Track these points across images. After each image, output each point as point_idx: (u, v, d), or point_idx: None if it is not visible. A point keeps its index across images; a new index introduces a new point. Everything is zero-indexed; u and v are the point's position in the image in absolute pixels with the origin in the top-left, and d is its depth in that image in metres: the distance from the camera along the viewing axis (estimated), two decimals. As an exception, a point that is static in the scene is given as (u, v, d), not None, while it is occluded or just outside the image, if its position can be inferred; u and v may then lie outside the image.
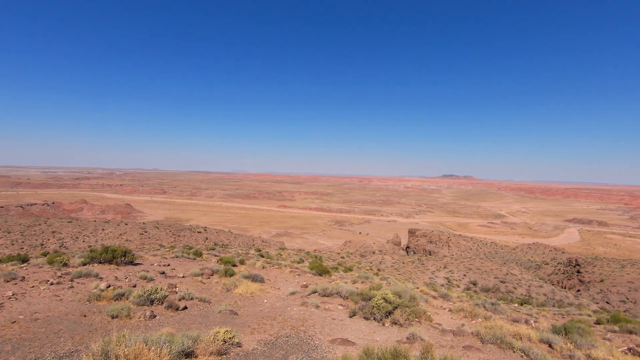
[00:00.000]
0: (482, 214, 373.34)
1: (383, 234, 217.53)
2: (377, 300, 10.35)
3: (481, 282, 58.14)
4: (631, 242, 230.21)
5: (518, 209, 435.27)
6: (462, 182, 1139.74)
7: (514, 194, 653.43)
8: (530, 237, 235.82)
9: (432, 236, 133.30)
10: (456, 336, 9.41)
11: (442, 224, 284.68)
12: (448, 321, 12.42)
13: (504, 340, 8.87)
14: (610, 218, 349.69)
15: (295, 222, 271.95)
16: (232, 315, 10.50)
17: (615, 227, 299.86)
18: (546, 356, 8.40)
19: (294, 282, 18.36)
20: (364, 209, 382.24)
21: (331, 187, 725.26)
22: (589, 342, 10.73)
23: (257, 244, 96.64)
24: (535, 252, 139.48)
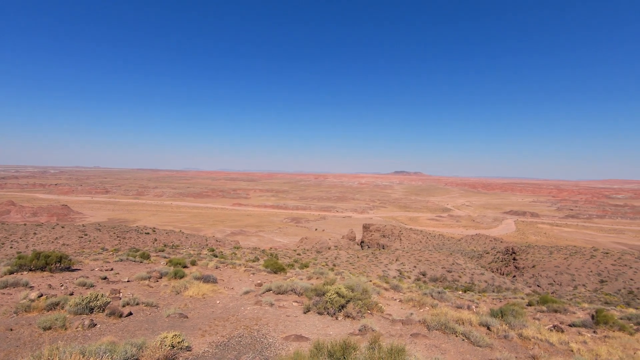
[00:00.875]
0: (431, 208, 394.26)
1: (339, 230, 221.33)
2: (331, 295, 10.53)
3: (430, 273, 61.38)
4: (558, 231, 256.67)
5: (463, 203, 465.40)
6: (413, 178, 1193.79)
7: (459, 189, 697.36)
8: (473, 228, 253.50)
9: (385, 230, 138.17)
10: (405, 325, 9.87)
11: (394, 219, 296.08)
12: (398, 311, 12.98)
13: (447, 326, 9.48)
14: (540, 209, 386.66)
15: (250, 221, 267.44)
16: (182, 319, 10.09)
17: (545, 218, 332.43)
18: (484, 338, 9.11)
19: (249, 281, 18.08)
20: (320, 205, 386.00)
21: (287, 184, 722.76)
22: (521, 323, 11.81)
23: (211, 243, 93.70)
24: (477, 243, 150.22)
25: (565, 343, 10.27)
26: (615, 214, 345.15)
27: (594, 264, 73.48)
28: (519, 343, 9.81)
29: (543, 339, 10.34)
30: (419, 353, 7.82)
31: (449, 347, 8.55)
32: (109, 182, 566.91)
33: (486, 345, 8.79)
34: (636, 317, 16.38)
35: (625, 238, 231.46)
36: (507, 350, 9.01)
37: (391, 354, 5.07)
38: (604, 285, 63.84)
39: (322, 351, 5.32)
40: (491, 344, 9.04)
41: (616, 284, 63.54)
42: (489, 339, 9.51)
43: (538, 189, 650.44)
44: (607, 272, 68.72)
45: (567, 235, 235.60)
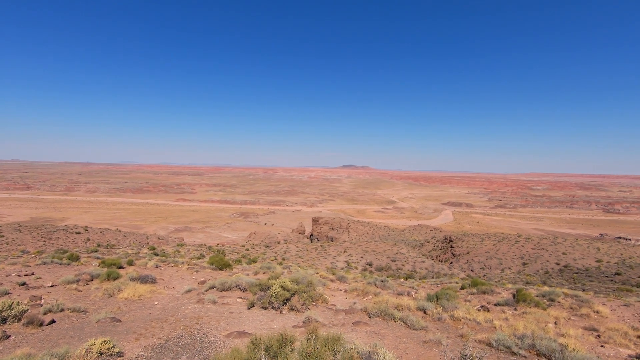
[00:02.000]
0: (378, 201, 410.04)
1: (288, 224, 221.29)
2: (275, 289, 10.50)
3: (376, 263, 63.92)
4: (489, 219, 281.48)
5: (406, 195, 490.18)
6: (360, 172, 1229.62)
7: (403, 182, 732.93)
8: (415, 219, 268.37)
9: (334, 223, 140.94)
10: (347, 314, 10.18)
11: (343, 212, 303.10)
12: (343, 301, 13.34)
13: (387, 313, 9.95)
14: (474, 200, 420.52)
15: (196, 216, 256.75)
16: (114, 323, 9.40)
17: (478, 208, 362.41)
18: (420, 321, 9.72)
19: (191, 279, 17.37)
20: (269, 199, 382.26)
21: (235, 178, 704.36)
22: (453, 305, 12.78)
23: (152, 241, 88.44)
24: (419, 232, 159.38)
25: (490, 321, 11.31)
26: (535, 204, 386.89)
27: (518, 248, 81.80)
28: (450, 324, 10.62)
29: (471, 318, 11.29)
30: (359, 340, 8.12)
31: (388, 332, 8.99)
32: (31, 176, 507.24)
33: (421, 328, 9.39)
34: (549, 294, 18.50)
35: (543, 224, 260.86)
36: (439, 331, 9.71)
37: (327, 343, 5.21)
38: (526, 267, 71.39)
39: (259, 346, 5.29)
40: (426, 326, 9.67)
41: (535, 266, 71.43)
42: (424, 322, 10.16)
43: (472, 182, 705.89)
44: (528, 255, 76.90)
45: (496, 223, 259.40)
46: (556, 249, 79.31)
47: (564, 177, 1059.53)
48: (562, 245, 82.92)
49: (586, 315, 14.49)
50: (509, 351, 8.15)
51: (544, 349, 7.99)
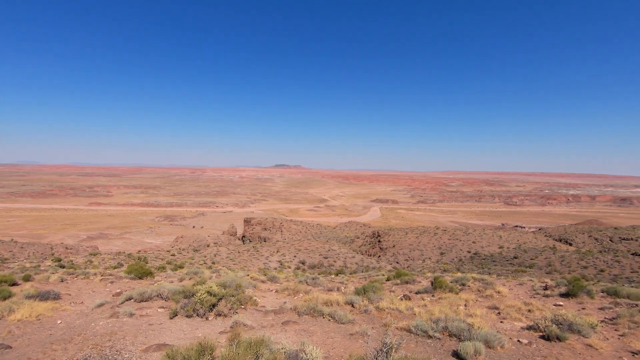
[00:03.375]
0: (310, 200, 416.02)
1: (219, 226, 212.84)
2: (201, 295, 9.97)
3: (309, 261, 64.73)
4: (412, 214, 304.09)
5: (337, 194, 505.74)
6: (293, 171, 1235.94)
7: (334, 181, 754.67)
8: (346, 216, 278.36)
9: (267, 223, 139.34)
10: (277, 314, 10.10)
11: (275, 211, 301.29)
12: (274, 302, 13.21)
13: (316, 310, 10.10)
14: (399, 197, 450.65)
15: (113, 222, 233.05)
16: (2, 351, 8.03)
17: (402, 204, 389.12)
18: (347, 315, 10.06)
19: (105, 291, 15.68)
20: (198, 201, 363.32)
21: (158, 179, 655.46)
22: (379, 297, 13.49)
23: (58, 252, 78.03)
24: (350, 229, 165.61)
25: (410, 309, 12.18)
26: (451, 199, 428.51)
27: (436, 239, 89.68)
28: (375, 315, 11.18)
29: (394, 308, 12.03)
30: (288, 339, 8.10)
31: (317, 329, 9.13)
32: None
33: (348, 321, 9.73)
34: (461, 279, 20.57)
35: (457, 217, 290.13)
36: (365, 322, 10.16)
37: (250, 347, 5.09)
38: (443, 256, 78.66)
39: (175, 359, 4.93)
40: (353, 319, 10.04)
41: (451, 254, 79.09)
42: (351, 315, 10.54)
43: (397, 180, 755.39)
44: (445, 245, 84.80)
45: (418, 217, 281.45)
46: (468, 238, 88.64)
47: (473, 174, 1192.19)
48: (473, 235, 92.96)
49: (490, 295, 16.42)
50: (425, 335, 8.86)
51: (454, 329, 8.84)
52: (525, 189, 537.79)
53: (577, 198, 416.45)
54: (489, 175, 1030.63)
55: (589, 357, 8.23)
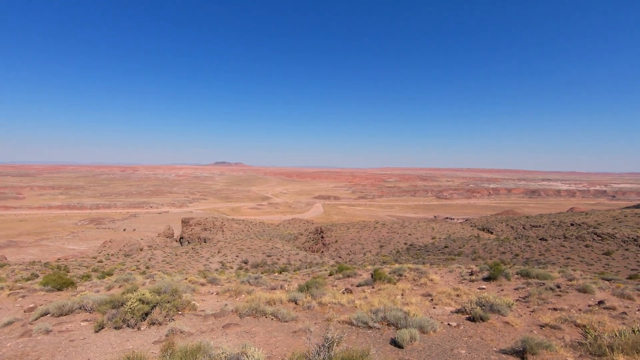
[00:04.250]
0: (252, 198, 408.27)
1: (154, 227, 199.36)
2: (132, 303, 9.22)
3: (252, 260, 63.52)
4: (353, 210, 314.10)
5: (280, 191, 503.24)
6: (234, 169, 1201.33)
7: (277, 178, 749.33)
8: (290, 213, 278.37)
9: (207, 223, 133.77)
10: (217, 318, 9.73)
11: (216, 210, 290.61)
12: (214, 305, 12.70)
13: (258, 310, 9.93)
14: (341, 193, 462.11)
15: (26, 227, 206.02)
16: None
17: (344, 200, 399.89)
18: (290, 312, 10.04)
19: (15, 307, 13.76)
20: (129, 202, 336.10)
21: (82, 178, 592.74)
22: (321, 292, 13.69)
23: (-47, 265, 66.72)
24: (293, 226, 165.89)
25: (352, 302, 12.55)
26: (389, 194, 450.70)
27: (376, 233, 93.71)
28: (318, 310, 11.32)
29: (336, 302, 12.30)
30: (229, 343, 7.85)
31: (259, 329, 8.98)
32: None
33: (291, 318, 9.71)
34: (398, 270, 21.71)
35: (394, 211, 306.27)
36: (308, 319, 10.23)
37: (186, 356, 4.80)
38: (382, 249, 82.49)
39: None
40: (296, 316, 10.05)
41: (389, 247, 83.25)
42: (294, 312, 10.55)
43: (339, 176, 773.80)
44: (384, 238, 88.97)
45: (359, 212, 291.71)
46: (404, 231, 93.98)
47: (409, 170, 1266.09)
48: (408, 227, 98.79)
49: (424, 284, 17.57)
50: (366, 326, 9.19)
51: (392, 318, 9.30)
52: (454, 183, 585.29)
53: (496, 191, 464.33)
54: (422, 171, 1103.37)
55: (506, 333, 9.20)
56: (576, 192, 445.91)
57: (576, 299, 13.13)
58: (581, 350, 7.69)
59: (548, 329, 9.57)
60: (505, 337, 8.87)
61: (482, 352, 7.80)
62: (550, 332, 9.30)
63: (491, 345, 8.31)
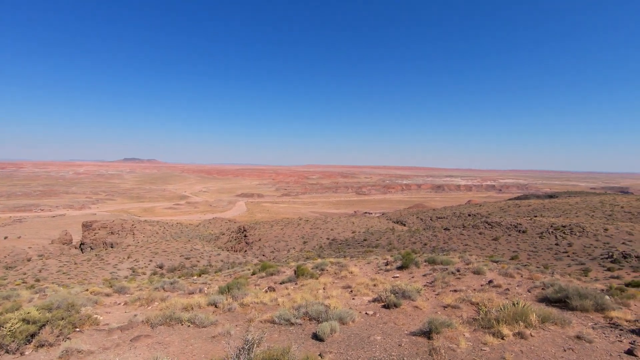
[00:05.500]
0: (168, 197, 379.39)
1: (46, 234, 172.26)
2: (12, 324, 7.79)
3: (168, 263, 59.14)
4: (277, 207, 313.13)
5: (200, 189, 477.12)
6: (147, 166, 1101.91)
7: (196, 176, 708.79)
8: (210, 213, 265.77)
9: (114, 227, 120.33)
10: (124, 331, 8.79)
11: (126, 212, 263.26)
12: (121, 317, 11.46)
13: (173, 317, 9.23)
14: (264, 191, 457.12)
15: None
16: None
17: (267, 197, 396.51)
18: (209, 317, 9.56)
19: None
20: (13, 204, 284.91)
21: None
22: (243, 292, 13.33)
23: None
24: (214, 226, 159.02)
25: (275, 300, 12.47)
26: (312, 191, 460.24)
27: (300, 230, 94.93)
28: (240, 311, 11.00)
29: (259, 301, 12.10)
30: (137, 357, 7.15)
31: (174, 338, 8.35)
32: None
33: (210, 323, 9.25)
34: (321, 265, 22.25)
35: (317, 207, 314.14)
36: (229, 321, 9.86)
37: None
38: (306, 245, 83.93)
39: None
40: (216, 320, 9.61)
41: (313, 242, 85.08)
42: (214, 316, 10.07)
43: (262, 174, 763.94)
44: (307, 235, 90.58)
45: (283, 210, 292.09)
46: (327, 226, 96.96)
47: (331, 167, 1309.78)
48: (331, 223, 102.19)
49: (344, 276, 18.32)
50: (288, 323, 9.21)
51: (314, 313, 9.49)
52: (372, 180, 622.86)
53: (408, 187, 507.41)
54: (344, 169, 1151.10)
55: (416, 317, 10.08)
56: (472, 187, 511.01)
57: (472, 280, 15.00)
58: (475, 325, 8.80)
59: (450, 308, 10.74)
60: (415, 320, 9.71)
61: (395, 336, 8.41)
62: (451, 311, 10.46)
63: (403, 329, 9.02)
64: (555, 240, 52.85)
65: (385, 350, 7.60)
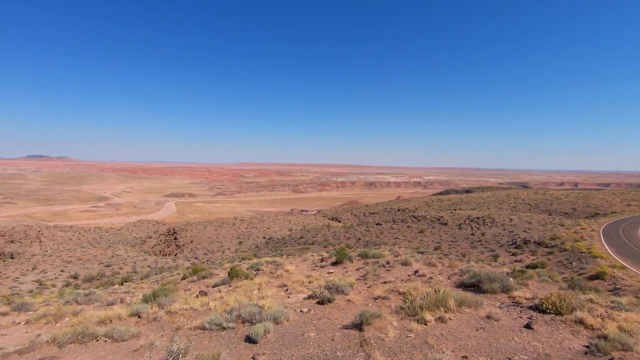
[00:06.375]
0: (84, 199, 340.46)
1: None
2: None
3: (84, 273, 53.18)
4: (210, 207, 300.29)
5: (123, 190, 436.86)
6: (57, 164, 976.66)
7: (117, 175, 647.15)
8: (135, 215, 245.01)
9: (15, 234, 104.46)
10: (24, 355, 7.62)
11: (30, 217, 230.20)
12: (20, 338, 9.94)
13: (86, 333, 8.26)
14: (197, 190, 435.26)
15: None
16: None
17: (200, 197, 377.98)
18: (130, 329, 8.75)
19: None
20: None
21: None
22: (171, 299, 12.48)
23: None
24: (140, 229, 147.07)
25: (206, 304, 11.88)
26: (247, 189, 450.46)
27: (235, 230, 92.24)
28: (167, 320, 10.26)
29: (189, 307, 11.42)
30: (40, 384, 6.25)
31: (86, 357, 7.46)
32: None
33: (132, 336, 8.47)
34: (256, 265, 21.85)
35: (253, 206, 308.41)
36: (154, 332, 9.14)
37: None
38: (242, 245, 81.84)
39: None
40: (138, 332, 8.83)
41: (249, 242, 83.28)
42: (136, 328, 9.25)
43: (194, 172, 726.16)
44: (243, 234, 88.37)
45: (217, 209, 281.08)
46: (263, 225, 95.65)
47: (267, 166, 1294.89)
48: (267, 222, 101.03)
49: (280, 275, 18.21)
50: (220, 328, 8.83)
51: (247, 315, 9.23)
52: (308, 178, 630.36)
53: (343, 184, 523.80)
54: (280, 167, 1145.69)
55: (348, 310, 10.39)
56: (401, 184, 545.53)
57: (400, 271, 15.96)
58: (402, 314, 9.36)
59: (380, 300, 11.28)
60: (348, 314, 10.01)
61: (329, 331, 8.56)
62: (381, 302, 10.99)
63: (336, 323, 9.23)
64: (471, 230, 58.79)
65: (319, 346, 7.68)
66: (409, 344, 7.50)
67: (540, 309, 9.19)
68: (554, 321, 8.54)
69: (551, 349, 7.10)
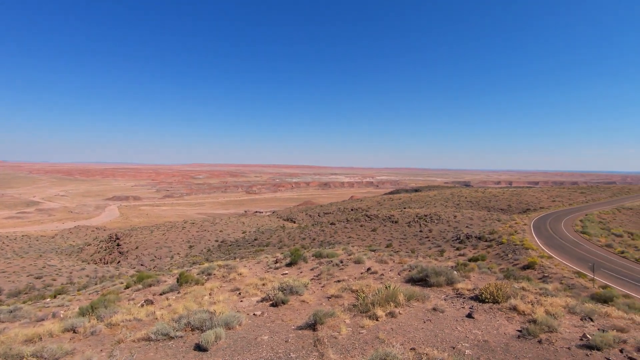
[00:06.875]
0: (9, 204, 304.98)
1: None
2: None
3: (8, 287, 47.62)
4: (158, 210, 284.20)
5: (56, 193, 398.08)
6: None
7: (50, 177, 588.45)
8: (71, 221, 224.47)
9: None
10: None
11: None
12: None
13: (9, 355, 7.38)
14: (142, 193, 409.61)
15: None
16: None
17: (146, 200, 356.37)
18: (63, 346, 7.93)
19: None
20: None
21: None
22: (112, 311, 11.58)
23: None
24: (77, 236, 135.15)
25: (152, 313, 11.19)
26: (198, 191, 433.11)
27: (185, 233, 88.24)
28: (106, 333, 9.50)
29: (132, 318, 10.68)
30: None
31: (10, 380, 6.68)
32: None
33: (65, 353, 7.71)
34: (207, 269, 21.02)
35: (205, 208, 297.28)
36: (92, 347, 8.42)
37: None
38: (192, 249, 78.51)
39: None
40: (73, 349, 8.07)
41: (200, 246, 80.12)
42: (71, 344, 8.46)
43: (139, 174, 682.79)
44: (194, 238, 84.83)
45: (165, 213, 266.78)
46: (215, 228, 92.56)
47: (218, 167, 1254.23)
48: (219, 224, 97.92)
49: (233, 279, 17.72)
50: (167, 337, 8.35)
51: (196, 322, 8.84)
52: (262, 179, 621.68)
53: (298, 185, 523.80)
54: (232, 168, 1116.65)
55: (302, 311, 10.39)
56: (354, 184, 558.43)
57: (353, 270, 16.30)
58: (355, 311, 9.55)
59: (333, 299, 11.42)
60: (302, 314, 9.99)
61: (282, 333, 8.48)
62: (334, 301, 11.12)
63: (290, 324, 9.17)
64: (419, 227, 61.78)
65: (272, 349, 7.58)
66: (361, 340, 7.67)
67: (480, 298, 9.91)
68: (492, 309, 9.25)
69: (489, 336, 7.67)
